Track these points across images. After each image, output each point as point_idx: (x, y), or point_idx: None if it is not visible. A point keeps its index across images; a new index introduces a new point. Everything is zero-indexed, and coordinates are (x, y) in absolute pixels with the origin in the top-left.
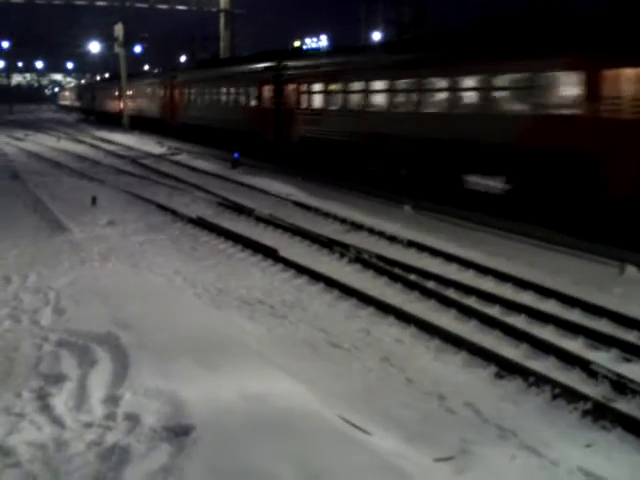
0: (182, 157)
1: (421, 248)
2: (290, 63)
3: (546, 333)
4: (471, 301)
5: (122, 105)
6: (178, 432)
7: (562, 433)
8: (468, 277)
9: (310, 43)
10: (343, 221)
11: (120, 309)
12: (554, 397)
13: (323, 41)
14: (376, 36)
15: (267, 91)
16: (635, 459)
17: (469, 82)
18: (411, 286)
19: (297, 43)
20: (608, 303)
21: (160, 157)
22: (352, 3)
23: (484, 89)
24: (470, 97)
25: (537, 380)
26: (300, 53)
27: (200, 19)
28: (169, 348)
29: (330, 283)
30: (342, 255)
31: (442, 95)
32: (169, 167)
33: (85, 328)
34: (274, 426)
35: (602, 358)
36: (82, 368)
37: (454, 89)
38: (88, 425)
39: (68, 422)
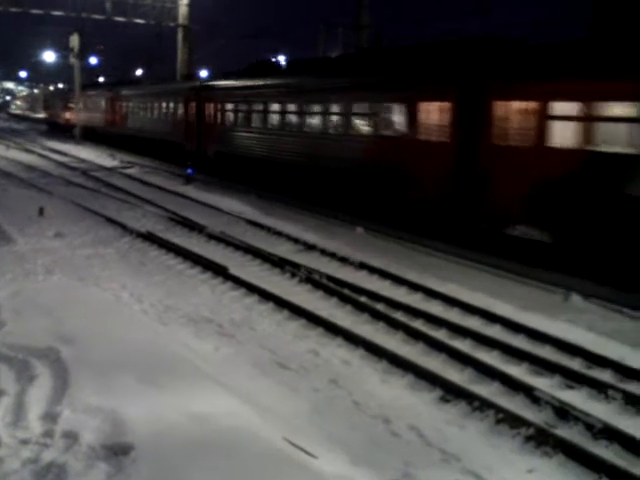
0: (134, 171)
1: (372, 270)
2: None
3: (491, 358)
4: (418, 324)
5: (69, 116)
6: (117, 451)
7: (505, 458)
8: (417, 300)
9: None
10: (296, 241)
11: (63, 323)
12: (498, 422)
13: (281, 61)
14: None
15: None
16: None
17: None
18: (361, 308)
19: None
20: (553, 330)
21: (112, 170)
22: (312, 25)
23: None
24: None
25: (481, 405)
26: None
27: (158, 33)
28: (112, 364)
29: (280, 303)
30: (293, 275)
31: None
32: (120, 180)
33: (25, 342)
34: (217, 447)
35: (545, 384)
36: (20, 383)
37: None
38: (25, 442)
39: (4, 438)
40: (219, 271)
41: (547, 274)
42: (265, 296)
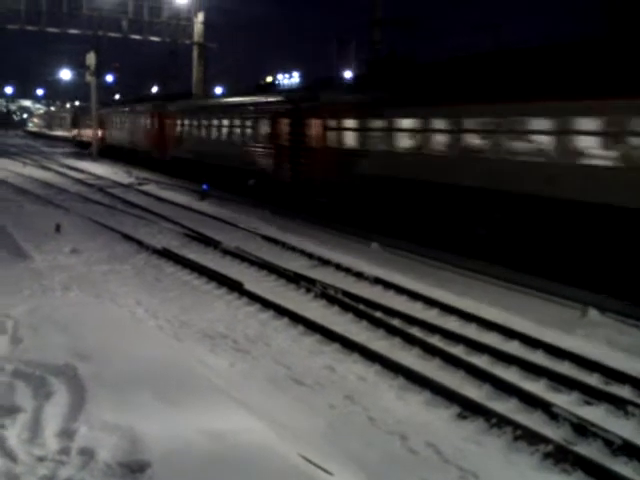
0: (150, 187)
1: (387, 285)
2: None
3: (509, 374)
4: (435, 340)
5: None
6: (134, 468)
7: (523, 475)
8: (433, 316)
9: (282, 79)
10: (310, 256)
11: (79, 340)
12: (516, 439)
13: (295, 77)
14: (347, 74)
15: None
16: None
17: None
18: (376, 323)
19: (269, 79)
20: (571, 345)
21: (128, 187)
22: (326, 41)
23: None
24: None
25: (499, 421)
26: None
27: (173, 50)
28: (128, 381)
29: (295, 318)
30: (308, 290)
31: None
32: (136, 197)
33: (42, 359)
34: (233, 464)
35: (564, 400)
36: (37, 400)
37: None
38: (41, 459)
39: (21, 455)
40: (234, 287)
41: (563, 288)
42: (280, 311)
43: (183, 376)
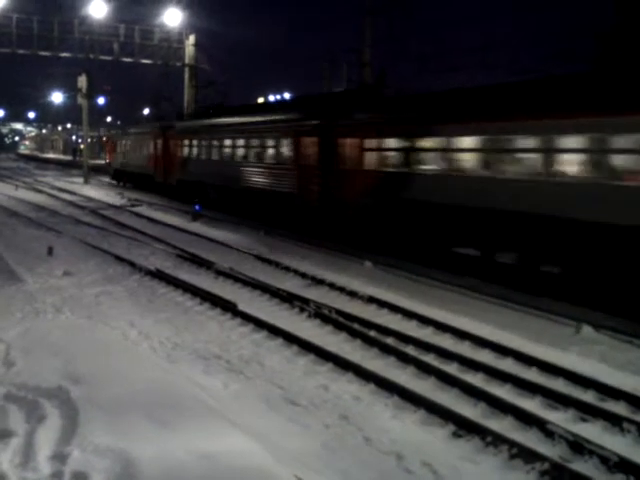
0: (142, 209)
1: (381, 304)
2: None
3: (504, 392)
4: (430, 358)
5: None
6: None
7: None
8: (427, 334)
9: (273, 100)
10: (304, 275)
11: (72, 362)
12: (512, 457)
13: (286, 97)
14: None
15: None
16: None
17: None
18: (370, 342)
19: (261, 99)
20: (565, 362)
21: (120, 208)
22: (316, 62)
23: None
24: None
25: (495, 440)
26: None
27: (164, 72)
28: (121, 403)
29: (289, 338)
30: (302, 310)
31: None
32: (129, 218)
33: (35, 382)
34: None
35: (559, 418)
36: (30, 423)
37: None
38: None
39: (13, 479)
40: (228, 307)
41: (556, 305)
42: (274, 331)
43: (177, 398)
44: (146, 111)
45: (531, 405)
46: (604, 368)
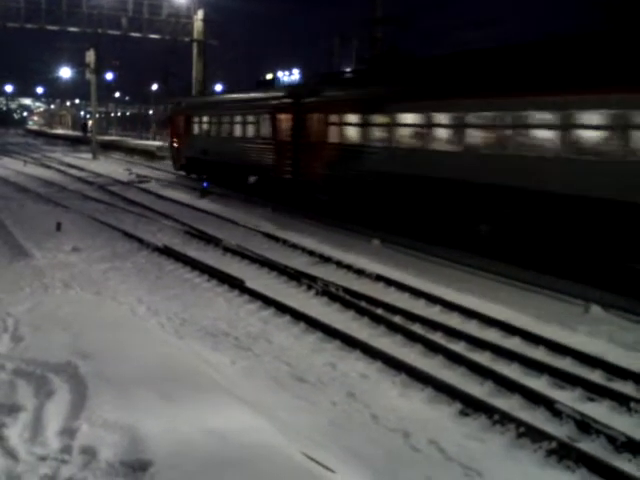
0: (150, 185)
1: (389, 282)
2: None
3: (511, 371)
4: (437, 337)
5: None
6: (136, 467)
7: (526, 472)
8: (435, 313)
9: (282, 76)
10: (311, 253)
11: (80, 338)
12: (519, 436)
13: (295, 74)
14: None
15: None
16: None
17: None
18: (378, 320)
19: (269, 76)
20: (573, 342)
21: (128, 184)
22: (326, 38)
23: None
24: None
25: (502, 418)
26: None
27: (172, 49)
28: (129, 379)
29: (296, 316)
30: (309, 287)
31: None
32: (137, 195)
33: (43, 357)
34: (235, 463)
35: (566, 397)
36: (38, 398)
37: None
38: (42, 458)
39: (22, 454)
40: (235, 284)
41: (566, 284)
42: (281, 309)
43: (185, 374)
44: (154, 87)
45: (538, 384)
46: (612, 348)
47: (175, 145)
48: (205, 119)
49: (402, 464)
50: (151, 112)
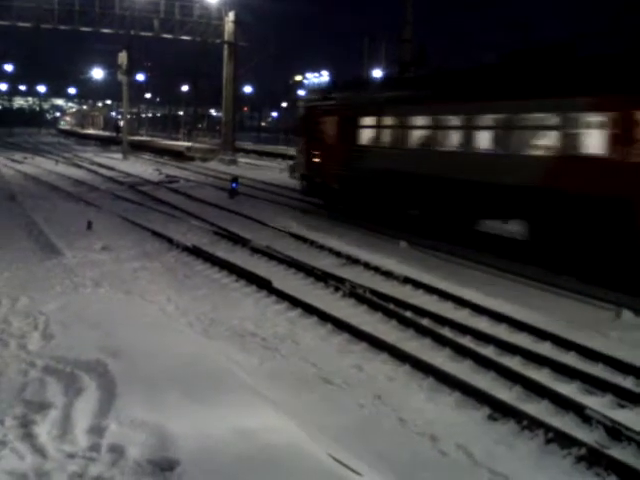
0: (179, 185)
1: (417, 285)
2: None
3: (541, 376)
4: (466, 340)
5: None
6: (163, 466)
7: (555, 479)
8: (463, 316)
9: (312, 78)
10: (339, 255)
11: (110, 336)
12: (548, 441)
13: (324, 76)
14: (377, 73)
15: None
16: None
17: None
18: (406, 323)
19: (299, 78)
20: (604, 347)
21: (158, 184)
22: (356, 40)
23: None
24: None
25: (531, 424)
26: None
27: (203, 50)
28: (158, 378)
29: (323, 317)
30: (337, 289)
31: None
32: (166, 195)
33: (73, 355)
34: (262, 463)
35: (597, 403)
36: (68, 396)
37: None
38: (71, 456)
39: (51, 452)
40: (263, 285)
41: (597, 289)
42: (308, 310)
43: (213, 374)
44: (184, 88)
45: (568, 390)
46: None
47: (316, 159)
48: (395, 122)
49: (429, 468)
50: (181, 113)
